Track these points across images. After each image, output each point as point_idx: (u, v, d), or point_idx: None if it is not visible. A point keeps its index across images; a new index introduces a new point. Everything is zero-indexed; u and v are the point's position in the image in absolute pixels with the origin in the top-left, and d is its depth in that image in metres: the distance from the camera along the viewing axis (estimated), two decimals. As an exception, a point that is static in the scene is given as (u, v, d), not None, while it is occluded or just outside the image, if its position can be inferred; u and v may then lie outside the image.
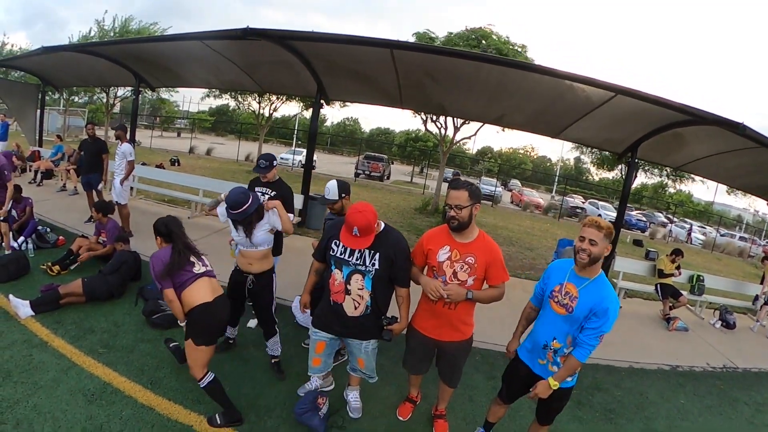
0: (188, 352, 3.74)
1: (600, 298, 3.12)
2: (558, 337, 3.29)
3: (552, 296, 3.35)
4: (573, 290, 3.22)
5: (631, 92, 7.03)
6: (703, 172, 11.48)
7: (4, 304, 5.28)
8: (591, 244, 3.14)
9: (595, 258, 3.14)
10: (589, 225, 3.19)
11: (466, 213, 3.41)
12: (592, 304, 3.12)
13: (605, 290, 3.16)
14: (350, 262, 3.51)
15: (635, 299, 10.06)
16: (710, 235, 32.55)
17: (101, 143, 9.63)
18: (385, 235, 3.55)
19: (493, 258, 3.54)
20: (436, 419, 4.25)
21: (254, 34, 7.73)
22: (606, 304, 3.09)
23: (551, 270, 3.48)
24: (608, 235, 3.14)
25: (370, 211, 3.36)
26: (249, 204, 4.06)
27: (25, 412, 3.62)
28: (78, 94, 32.62)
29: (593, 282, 3.19)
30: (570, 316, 3.21)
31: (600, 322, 3.10)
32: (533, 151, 74.36)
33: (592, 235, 3.14)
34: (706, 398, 5.89)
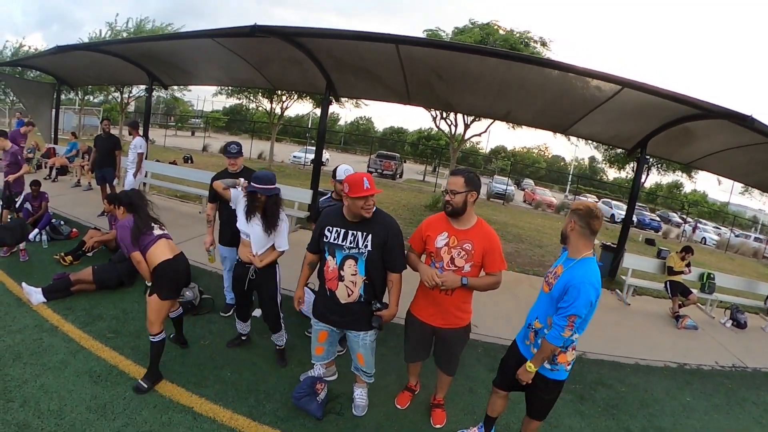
0: (151, 308, 4.02)
1: (573, 276, 3.09)
2: (540, 317, 3.32)
3: (546, 277, 3.39)
4: (560, 270, 3.25)
5: (638, 85, 7.00)
6: (714, 168, 11.38)
7: (17, 291, 5.44)
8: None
9: (562, 231, 3.30)
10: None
11: (460, 199, 3.47)
12: (567, 281, 3.10)
13: (581, 269, 3.12)
14: (344, 246, 3.55)
15: (645, 297, 9.94)
16: (724, 236, 32.19)
17: (114, 139, 9.78)
18: (377, 217, 3.60)
19: (491, 246, 3.58)
20: (434, 408, 4.27)
21: (262, 31, 7.84)
22: (576, 282, 3.04)
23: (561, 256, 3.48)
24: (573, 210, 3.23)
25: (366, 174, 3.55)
26: (275, 186, 4.18)
27: (32, 390, 3.75)
28: (93, 94, 32.98)
29: (577, 262, 3.17)
30: (549, 294, 3.24)
31: (569, 301, 3.04)
32: (547, 151, 73.99)
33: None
34: (713, 397, 5.78)
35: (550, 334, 3.12)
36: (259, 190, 4.05)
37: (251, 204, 4.19)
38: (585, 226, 3.15)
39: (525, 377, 3.29)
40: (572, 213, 3.19)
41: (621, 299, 9.33)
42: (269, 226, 4.21)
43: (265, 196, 4.12)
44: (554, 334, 3.09)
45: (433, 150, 44.66)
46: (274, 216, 4.22)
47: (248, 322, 4.85)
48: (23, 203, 7.68)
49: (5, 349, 4.28)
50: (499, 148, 68.04)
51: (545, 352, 3.18)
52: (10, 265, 6.29)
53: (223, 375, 4.40)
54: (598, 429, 4.56)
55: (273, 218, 4.21)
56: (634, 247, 17.87)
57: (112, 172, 9.62)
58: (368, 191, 3.39)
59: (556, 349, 3.16)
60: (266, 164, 26.61)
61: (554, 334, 3.09)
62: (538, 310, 3.37)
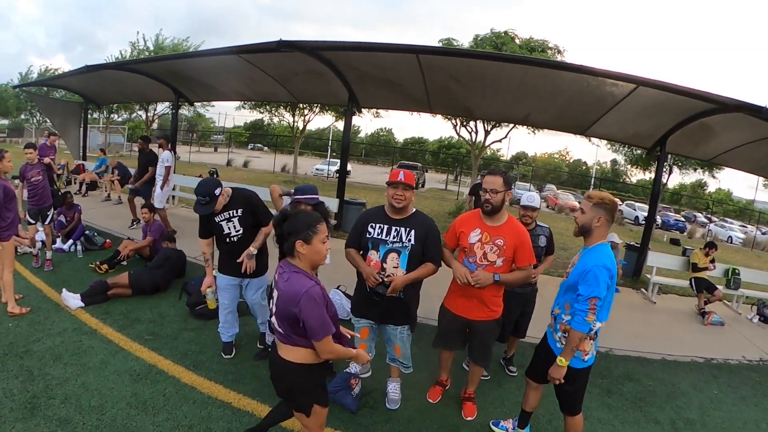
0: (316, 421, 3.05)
1: (591, 261, 3.19)
2: (558, 303, 3.43)
3: (567, 268, 3.48)
4: (576, 259, 3.39)
5: (651, 83, 7.07)
6: (734, 163, 11.32)
7: (55, 297, 5.68)
8: (581, 212, 3.31)
9: (582, 225, 3.31)
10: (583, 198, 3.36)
11: (499, 198, 3.66)
12: (581, 268, 3.21)
13: (594, 254, 3.23)
14: (387, 241, 3.71)
15: (670, 295, 9.91)
16: (750, 234, 31.71)
17: (151, 156, 10.02)
18: (417, 216, 3.82)
19: (521, 241, 3.74)
20: (464, 402, 4.36)
21: (287, 46, 8.07)
22: (590, 266, 3.15)
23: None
24: (598, 206, 3.25)
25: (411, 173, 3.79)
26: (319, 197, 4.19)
27: (73, 389, 3.93)
28: (117, 112, 33.58)
29: (591, 249, 3.28)
30: (566, 282, 3.35)
31: (588, 286, 3.13)
32: (568, 155, 73.42)
33: (582, 205, 3.33)
34: (740, 389, 5.76)
35: (575, 322, 3.17)
36: (303, 200, 4.08)
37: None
38: (610, 219, 3.28)
39: (557, 374, 3.30)
40: (598, 207, 3.25)
41: (646, 298, 9.32)
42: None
43: (311, 206, 4.13)
44: (579, 320, 3.15)
45: (454, 158, 44.66)
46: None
47: None
48: (57, 215, 7.95)
49: (45, 351, 4.48)
50: (520, 155, 67.76)
51: (573, 341, 3.21)
52: (48, 275, 6.56)
53: (259, 373, 4.52)
54: (626, 421, 4.60)
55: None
56: (659, 248, 17.70)
57: (147, 187, 9.91)
58: (398, 179, 3.62)
59: (584, 336, 3.20)
60: (290, 177, 26.89)
61: (579, 320, 3.15)
62: (558, 297, 3.48)
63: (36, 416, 3.52)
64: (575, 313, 3.18)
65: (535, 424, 4.19)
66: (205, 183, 4.40)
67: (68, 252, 7.57)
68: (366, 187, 25.32)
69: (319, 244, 2.71)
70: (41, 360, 4.31)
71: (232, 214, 4.48)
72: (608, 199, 3.28)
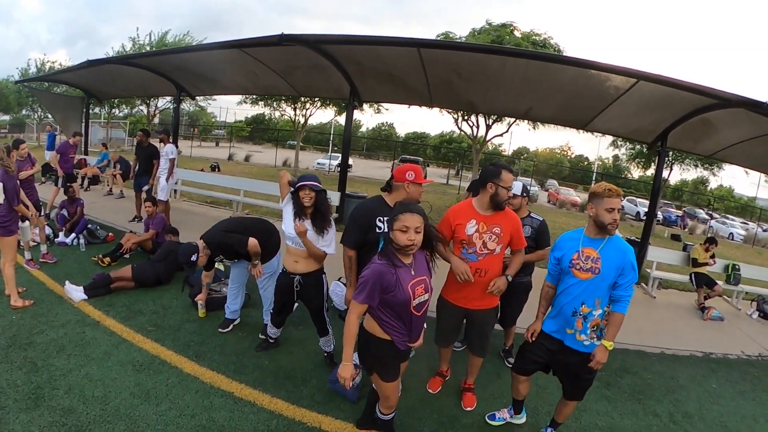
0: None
1: (623, 253, 3.31)
2: (587, 302, 3.39)
3: (573, 265, 3.45)
4: (593, 253, 3.36)
5: (652, 77, 7.06)
6: (735, 159, 11.30)
7: (58, 290, 5.73)
8: (619, 212, 3.35)
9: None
10: (615, 195, 3.32)
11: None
12: (618, 261, 3.28)
13: (623, 244, 3.36)
14: None
15: (670, 290, 9.98)
16: (752, 231, 31.71)
17: (152, 149, 10.07)
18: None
19: (516, 226, 3.89)
20: (464, 392, 4.42)
21: (289, 40, 8.12)
22: (630, 257, 3.30)
23: (562, 243, 3.60)
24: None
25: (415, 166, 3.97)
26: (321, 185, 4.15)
27: (77, 379, 3.98)
28: (118, 107, 33.60)
29: (609, 240, 3.35)
30: (598, 278, 3.33)
31: (632, 274, 3.30)
32: (569, 150, 73.38)
33: (618, 205, 3.34)
34: (738, 384, 5.81)
35: (622, 306, 3.34)
36: (309, 185, 4.02)
37: (300, 205, 4.09)
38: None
39: (604, 357, 3.37)
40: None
41: (646, 292, 9.37)
42: (321, 227, 4.14)
43: (315, 192, 4.09)
44: (625, 305, 3.35)
45: (456, 153, 44.68)
46: (327, 213, 4.19)
47: (281, 328, 4.86)
48: (60, 209, 8.00)
49: (49, 343, 4.53)
50: (521, 150, 67.81)
51: (619, 323, 3.36)
52: (51, 268, 6.61)
53: (261, 363, 4.59)
54: (624, 413, 4.65)
55: (326, 215, 4.18)
56: (660, 243, 17.75)
57: (146, 180, 9.93)
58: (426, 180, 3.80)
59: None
60: (292, 171, 26.93)
61: (625, 305, 3.35)
62: (581, 296, 3.42)
63: (40, 406, 3.56)
64: (621, 299, 3.34)
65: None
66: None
67: (71, 245, 7.61)
68: (367, 181, 25.34)
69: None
70: (45, 351, 4.36)
71: (220, 259, 5.09)
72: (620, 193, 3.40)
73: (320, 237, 4.16)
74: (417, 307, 3.08)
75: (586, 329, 3.42)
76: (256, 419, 3.74)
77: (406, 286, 2.98)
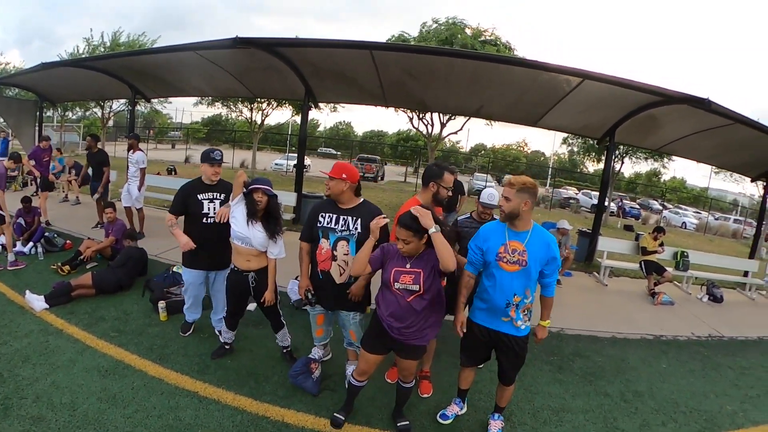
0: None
1: (546, 245, 3.49)
2: (518, 292, 3.55)
3: (499, 258, 3.56)
4: (519, 246, 3.50)
5: (597, 77, 7.39)
6: (682, 152, 11.81)
7: (19, 300, 5.69)
8: (506, 200, 3.50)
9: (511, 212, 3.49)
10: (504, 185, 3.59)
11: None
12: (542, 254, 3.47)
13: (545, 235, 3.55)
14: (336, 229, 3.92)
15: (622, 278, 10.32)
16: (704, 220, 32.83)
17: (102, 155, 10.03)
18: (364, 206, 4.02)
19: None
20: (421, 380, 4.61)
21: (243, 43, 8.19)
22: (553, 247, 3.50)
23: (485, 234, 3.70)
24: (522, 190, 3.44)
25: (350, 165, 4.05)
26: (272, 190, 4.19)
27: (44, 387, 4.00)
28: (72, 110, 32.85)
29: (532, 232, 3.52)
30: (525, 270, 3.48)
31: (555, 263, 3.54)
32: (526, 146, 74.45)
33: (506, 193, 3.51)
34: (688, 363, 6.08)
35: (550, 291, 3.66)
36: (262, 189, 4.11)
37: (252, 207, 4.15)
38: (534, 201, 3.52)
39: (545, 334, 3.79)
40: (522, 192, 3.44)
41: (598, 281, 9.70)
42: (273, 231, 4.23)
43: (267, 197, 4.18)
44: (552, 288, 3.66)
45: (413, 151, 44.97)
46: (277, 224, 4.25)
47: (235, 331, 4.88)
48: (16, 218, 7.90)
49: (13, 353, 4.52)
50: (479, 146, 68.55)
51: (550, 306, 3.74)
52: (10, 278, 6.53)
53: (224, 362, 4.69)
54: (576, 394, 4.89)
55: (277, 220, 4.26)
56: (613, 234, 18.27)
57: (96, 186, 9.87)
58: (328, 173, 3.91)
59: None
60: (249, 173, 26.73)
61: (552, 288, 3.66)
62: (512, 287, 3.55)
63: (9, 416, 3.60)
64: (550, 284, 3.63)
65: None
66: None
67: (29, 255, 7.51)
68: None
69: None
70: (10, 362, 4.36)
71: (215, 197, 4.73)
72: (530, 183, 3.49)
73: (272, 241, 4.27)
74: (402, 291, 3.48)
75: (519, 315, 3.60)
76: (221, 416, 3.85)
77: (391, 270, 3.49)
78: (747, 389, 5.58)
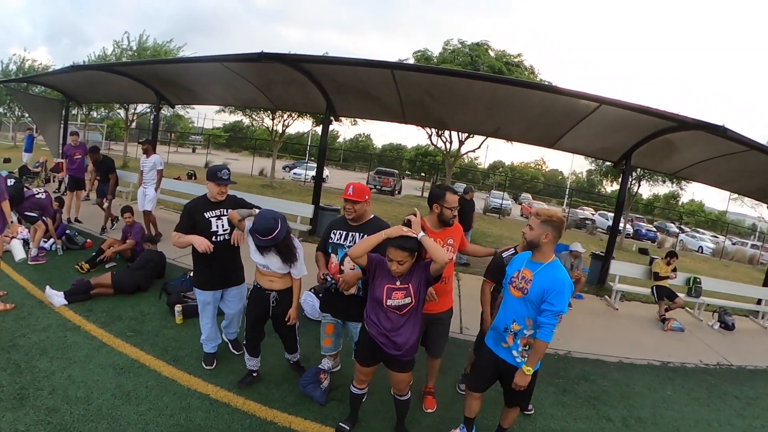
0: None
1: (553, 280, 3.41)
2: (517, 320, 3.58)
3: (511, 282, 3.66)
4: (528, 274, 3.55)
5: (613, 102, 7.47)
6: (698, 177, 11.76)
7: (39, 295, 5.90)
8: (529, 228, 3.57)
9: (531, 241, 3.55)
10: (532, 214, 3.63)
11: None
12: (546, 285, 3.41)
13: (557, 272, 3.46)
14: (345, 245, 4.05)
15: (633, 302, 10.25)
16: (721, 244, 32.49)
17: (108, 162, 10.26)
18: (373, 222, 4.17)
19: (461, 234, 4.39)
20: (425, 395, 4.71)
21: (269, 58, 8.37)
22: (559, 286, 3.37)
23: (513, 261, 3.83)
24: (546, 222, 3.49)
25: (364, 185, 4.10)
26: (279, 230, 3.89)
27: (60, 381, 4.18)
28: (96, 110, 33.28)
29: (547, 266, 3.52)
30: (525, 298, 3.50)
31: (556, 302, 3.35)
32: (544, 165, 74.39)
33: (531, 222, 3.58)
34: (694, 391, 6.00)
35: (543, 334, 3.38)
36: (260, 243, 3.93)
37: (260, 246, 4.01)
38: (557, 236, 3.54)
39: (523, 381, 3.50)
40: (545, 224, 3.49)
41: (609, 304, 9.66)
42: (286, 261, 4.12)
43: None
44: (547, 332, 3.38)
45: (431, 166, 45.03)
46: (290, 252, 4.10)
47: (259, 357, 4.62)
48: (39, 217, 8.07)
49: (31, 345, 4.72)
50: (497, 164, 68.54)
51: (540, 352, 3.47)
52: (31, 272, 6.76)
53: (235, 368, 4.81)
54: (579, 417, 4.90)
55: (289, 254, 4.11)
56: (628, 257, 18.16)
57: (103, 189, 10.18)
58: (350, 196, 4.00)
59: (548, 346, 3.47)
60: (267, 181, 26.98)
61: (547, 332, 3.38)
62: (513, 313, 3.60)
63: (25, 406, 3.76)
64: (544, 325, 3.39)
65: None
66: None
67: (50, 251, 7.73)
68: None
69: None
70: (28, 354, 4.54)
71: (222, 213, 4.52)
72: (555, 217, 3.53)
73: (289, 266, 4.18)
74: (395, 307, 3.54)
75: (518, 346, 3.59)
76: (230, 419, 3.97)
77: (383, 287, 3.55)
78: (752, 419, 5.52)
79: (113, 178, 10.01)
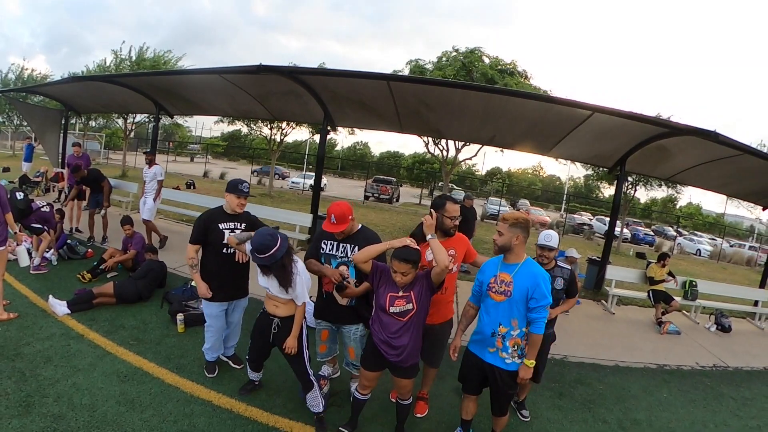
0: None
1: (533, 276, 3.58)
2: (503, 322, 3.69)
3: (490, 288, 3.75)
4: (507, 277, 3.67)
5: (605, 110, 7.57)
6: (692, 181, 11.89)
7: (41, 304, 5.98)
8: (499, 234, 3.71)
9: (503, 245, 3.69)
10: (499, 220, 3.77)
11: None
12: (528, 283, 3.57)
13: (534, 268, 3.65)
14: (337, 255, 4.18)
15: (630, 306, 10.31)
16: (719, 246, 32.58)
17: (94, 173, 9.99)
18: (362, 232, 4.27)
19: (466, 245, 4.36)
20: (417, 401, 4.76)
21: (267, 70, 8.48)
22: (539, 281, 3.55)
23: (484, 268, 3.93)
24: (514, 225, 3.63)
25: (344, 205, 4.09)
26: (278, 247, 3.71)
27: (65, 388, 4.26)
28: (95, 119, 33.36)
29: (522, 265, 3.67)
30: (510, 300, 3.62)
31: (540, 296, 3.53)
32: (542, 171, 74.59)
33: (499, 228, 3.72)
34: (690, 393, 6.10)
35: (536, 327, 3.58)
36: (258, 261, 3.78)
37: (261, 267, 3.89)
38: (527, 236, 3.69)
39: (528, 374, 3.68)
40: (514, 227, 3.63)
41: (606, 309, 9.73)
42: (282, 285, 3.88)
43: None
44: (539, 325, 3.58)
45: (428, 174, 45.16)
46: (284, 277, 3.84)
47: (261, 371, 4.65)
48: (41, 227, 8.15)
49: (35, 354, 4.79)
50: (494, 170, 68.66)
51: (536, 344, 3.65)
52: (33, 282, 6.84)
53: (237, 375, 4.92)
54: (575, 420, 4.98)
55: (283, 279, 3.84)
56: (625, 261, 18.24)
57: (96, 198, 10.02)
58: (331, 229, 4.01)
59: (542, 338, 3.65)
60: (265, 190, 27.04)
61: (539, 325, 3.58)
62: (498, 317, 3.70)
63: (31, 413, 3.83)
64: (536, 320, 3.58)
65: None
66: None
67: (51, 260, 7.80)
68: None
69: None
70: (32, 362, 4.61)
71: (237, 226, 4.56)
72: (522, 218, 3.68)
73: (286, 290, 3.95)
74: (397, 313, 3.69)
75: (507, 348, 3.69)
76: (233, 425, 4.06)
77: (386, 295, 3.71)
78: (748, 420, 5.60)
79: (106, 184, 9.93)
